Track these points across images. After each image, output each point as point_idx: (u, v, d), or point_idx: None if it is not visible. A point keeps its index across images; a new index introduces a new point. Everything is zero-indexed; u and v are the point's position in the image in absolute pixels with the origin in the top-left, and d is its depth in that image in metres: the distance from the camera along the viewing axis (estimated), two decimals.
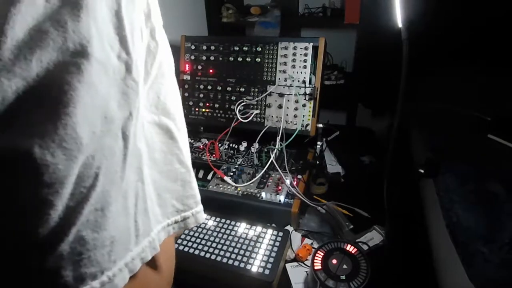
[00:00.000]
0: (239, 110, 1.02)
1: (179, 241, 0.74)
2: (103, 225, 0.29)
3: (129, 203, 0.32)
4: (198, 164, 1.00)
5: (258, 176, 0.89)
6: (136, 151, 0.32)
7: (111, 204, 0.30)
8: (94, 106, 0.27)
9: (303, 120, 1.00)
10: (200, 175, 0.99)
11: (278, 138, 0.96)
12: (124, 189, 0.31)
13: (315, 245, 0.76)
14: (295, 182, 0.87)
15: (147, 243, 0.36)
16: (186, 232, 0.76)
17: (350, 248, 0.65)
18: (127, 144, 0.30)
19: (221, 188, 0.87)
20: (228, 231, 0.75)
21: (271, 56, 1.02)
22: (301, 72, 0.99)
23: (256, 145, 0.97)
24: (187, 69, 1.11)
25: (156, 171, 0.37)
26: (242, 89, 1.06)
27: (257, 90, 1.05)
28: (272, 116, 1.03)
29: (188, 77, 1.12)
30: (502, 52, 1.04)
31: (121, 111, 0.29)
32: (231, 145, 1.05)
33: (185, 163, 0.40)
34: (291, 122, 1.01)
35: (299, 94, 0.99)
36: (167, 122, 0.36)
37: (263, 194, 0.84)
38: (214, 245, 0.72)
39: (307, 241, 0.78)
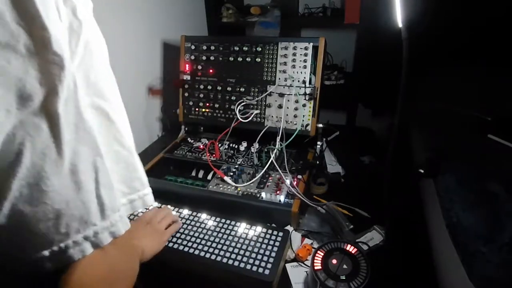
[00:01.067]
0: (239, 110, 1.02)
1: (179, 241, 0.74)
2: (41, 199, 0.30)
3: (81, 177, 0.32)
4: (198, 164, 1.00)
5: (258, 176, 0.89)
6: (84, 126, 0.33)
7: (48, 178, 0.30)
8: (5, 86, 0.27)
9: (303, 120, 1.00)
10: (200, 175, 0.99)
11: (278, 138, 0.96)
12: (68, 164, 0.31)
13: (315, 245, 0.76)
14: (295, 182, 0.87)
15: (118, 218, 0.37)
16: (186, 232, 0.76)
17: (350, 248, 0.65)
18: (56, 120, 0.30)
19: (221, 188, 0.87)
20: (228, 231, 0.75)
21: (271, 56, 1.02)
22: (301, 72, 0.99)
23: (256, 145, 0.97)
24: (187, 69, 1.11)
25: None
26: (242, 89, 1.06)
27: (257, 90, 1.05)
28: (272, 116, 1.03)
29: (188, 77, 1.12)
30: (502, 52, 1.03)
31: (42, 87, 0.29)
32: (231, 145, 1.05)
33: (125, 144, 0.41)
34: (291, 122, 1.01)
35: (299, 94, 0.99)
36: (101, 103, 0.36)
37: (263, 194, 0.84)
38: (214, 245, 0.72)
39: (307, 241, 0.78)
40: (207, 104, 1.11)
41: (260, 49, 1.03)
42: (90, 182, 0.34)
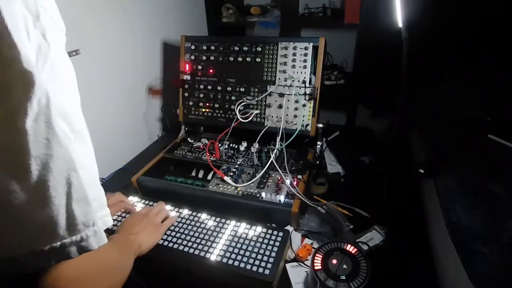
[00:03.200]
0: (239, 110, 1.02)
1: (179, 241, 0.74)
2: (4, 213, 0.31)
3: (51, 192, 0.33)
4: (198, 164, 1.00)
5: (258, 176, 0.89)
6: (58, 140, 0.33)
7: (11, 193, 0.31)
8: None
9: (303, 120, 1.00)
10: (200, 175, 0.99)
11: (278, 138, 0.96)
12: (34, 179, 0.32)
13: (315, 245, 0.76)
14: (295, 182, 0.87)
15: (91, 232, 0.37)
16: (186, 232, 0.76)
17: (350, 248, 0.65)
18: (23, 136, 0.31)
19: (221, 188, 0.87)
20: (228, 231, 0.75)
21: (271, 56, 1.02)
22: (301, 72, 0.99)
23: (256, 145, 0.97)
24: (187, 69, 1.11)
25: None
26: (242, 89, 1.06)
27: (257, 90, 1.05)
28: (272, 116, 1.03)
29: (188, 77, 1.12)
30: (503, 52, 1.03)
31: (3, 103, 0.30)
32: (231, 145, 1.05)
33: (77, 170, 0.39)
34: (291, 122, 1.01)
35: (299, 94, 0.99)
36: (60, 123, 0.35)
37: (263, 194, 0.84)
38: (214, 245, 0.72)
39: (307, 241, 0.78)
40: (207, 104, 1.11)
41: (260, 49, 1.03)
42: (61, 196, 0.34)
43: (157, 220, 0.76)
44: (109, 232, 0.73)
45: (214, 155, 1.01)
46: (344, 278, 0.60)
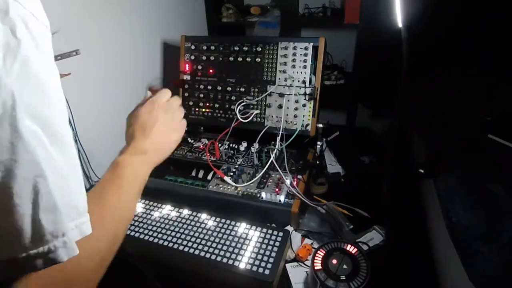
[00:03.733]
0: (239, 110, 1.02)
1: (179, 241, 0.74)
2: None
3: (15, 200, 0.30)
4: (198, 164, 1.00)
5: (258, 176, 0.89)
6: (24, 145, 0.31)
7: None
8: None
9: (303, 120, 1.00)
10: (200, 175, 0.99)
11: (278, 138, 0.96)
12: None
13: (315, 245, 0.76)
14: (295, 182, 0.87)
15: (61, 244, 0.34)
16: (186, 232, 0.76)
17: (350, 248, 0.65)
18: None
19: (221, 188, 0.87)
20: (228, 231, 0.75)
21: (271, 56, 1.02)
22: (301, 72, 0.99)
23: (256, 145, 0.97)
24: (187, 69, 1.11)
25: None
26: (242, 89, 1.06)
27: (257, 90, 1.05)
28: (272, 116, 1.03)
29: (188, 77, 1.12)
30: (503, 52, 1.03)
31: None
32: (231, 145, 1.05)
33: (59, 173, 0.36)
34: (291, 122, 1.01)
35: (299, 94, 0.99)
36: (31, 125, 0.33)
37: (263, 194, 0.84)
38: (214, 245, 0.72)
39: (307, 241, 0.78)
40: (207, 104, 1.11)
41: (260, 49, 1.03)
42: (26, 205, 0.31)
43: (178, 116, 0.65)
44: None
45: (214, 155, 1.01)
46: (344, 278, 0.60)
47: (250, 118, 1.03)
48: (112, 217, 0.47)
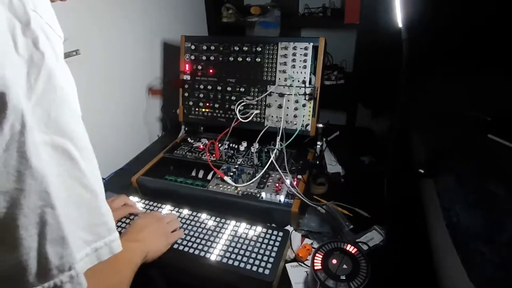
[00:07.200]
0: (239, 110, 1.02)
1: (179, 241, 0.74)
2: None
3: (21, 233, 0.28)
4: (198, 164, 1.00)
5: (258, 176, 0.89)
6: (32, 173, 0.29)
7: None
8: None
9: (303, 120, 1.00)
10: (200, 175, 0.99)
11: (278, 138, 0.96)
12: (1, 220, 0.28)
13: (315, 245, 0.76)
14: (295, 182, 0.87)
15: (67, 278, 0.32)
16: (186, 232, 0.76)
17: (350, 248, 0.65)
18: None
19: (221, 188, 0.87)
20: (228, 231, 0.75)
21: (271, 56, 1.02)
22: (301, 72, 0.99)
23: (256, 145, 0.97)
24: (187, 69, 1.11)
25: None
26: (242, 89, 1.06)
27: (257, 90, 1.05)
28: (272, 116, 1.03)
29: (188, 77, 1.12)
30: (503, 52, 1.03)
31: None
32: (231, 145, 1.05)
33: (89, 187, 0.35)
34: (291, 122, 1.01)
35: (299, 94, 0.99)
36: (62, 142, 0.32)
37: (263, 194, 0.84)
38: (214, 245, 0.72)
39: (307, 241, 0.78)
40: (207, 104, 1.11)
41: (260, 49, 1.03)
42: (32, 237, 0.29)
43: (169, 228, 0.73)
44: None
45: (214, 155, 1.01)
46: (344, 278, 0.60)
47: (250, 118, 1.03)
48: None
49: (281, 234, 0.74)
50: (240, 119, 1.01)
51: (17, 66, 0.28)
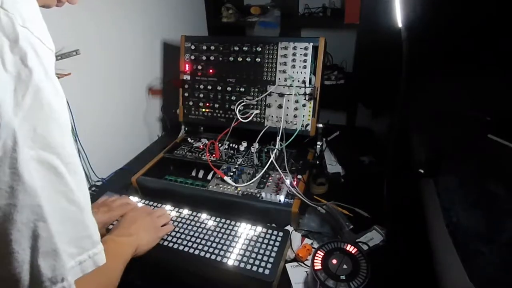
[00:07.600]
0: (239, 110, 1.02)
1: (179, 241, 0.74)
2: None
3: (14, 247, 0.29)
4: (198, 164, 1.00)
5: (258, 176, 0.89)
6: (24, 188, 0.29)
7: None
8: None
9: (303, 120, 1.00)
10: (200, 175, 0.99)
11: (278, 138, 0.96)
12: None
13: (315, 245, 0.76)
14: (295, 182, 0.87)
15: None
16: (186, 232, 0.76)
17: (350, 248, 0.65)
18: None
19: (221, 188, 0.87)
20: (228, 231, 0.75)
21: (271, 56, 1.02)
22: (301, 72, 0.99)
23: (256, 145, 0.97)
24: (187, 69, 1.11)
25: None
26: (242, 89, 1.06)
27: (257, 90, 1.05)
28: (272, 116, 1.03)
29: (188, 77, 1.12)
30: (503, 52, 1.03)
31: None
32: (231, 145, 1.05)
33: (75, 200, 0.35)
34: (291, 122, 1.01)
35: (299, 94, 0.99)
36: (48, 157, 0.32)
37: (263, 194, 0.84)
38: (214, 245, 0.72)
39: (307, 241, 0.78)
40: (207, 104, 1.11)
41: (260, 49, 1.03)
42: (25, 251, 0.30)
43: (159, 222, 0.75)
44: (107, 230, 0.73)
45: (214, 155, 1.01)
46: (344, 278, 0.60)
47: (250, 118, 1.03)
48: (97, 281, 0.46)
49: (281, 234, 0.74)
50: (240, 119, 1.01)
51: (4, 83, 0.28)
